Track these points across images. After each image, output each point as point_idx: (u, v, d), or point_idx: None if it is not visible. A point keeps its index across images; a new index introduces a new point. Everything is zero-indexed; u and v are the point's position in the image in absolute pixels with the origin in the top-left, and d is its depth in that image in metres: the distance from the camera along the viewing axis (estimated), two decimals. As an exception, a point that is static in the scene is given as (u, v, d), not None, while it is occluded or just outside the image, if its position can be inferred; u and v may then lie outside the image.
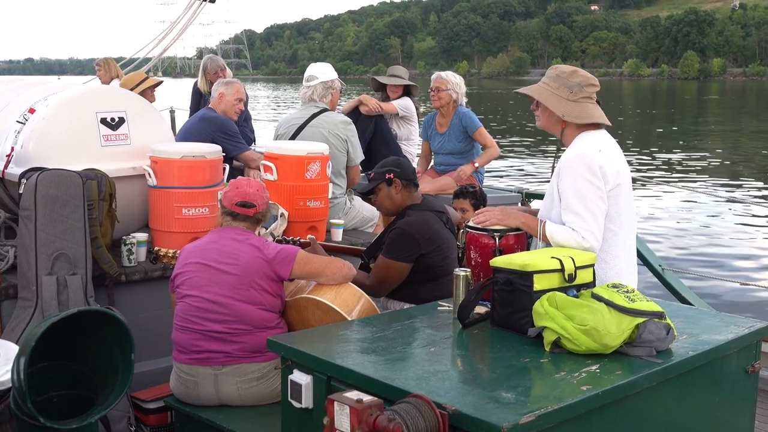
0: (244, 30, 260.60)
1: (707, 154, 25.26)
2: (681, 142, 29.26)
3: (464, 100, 6.62)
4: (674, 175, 20.32)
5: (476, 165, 6.56)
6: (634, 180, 3.65)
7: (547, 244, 3.36)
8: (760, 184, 19.09)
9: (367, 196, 4.56)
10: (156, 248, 4.45)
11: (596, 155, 3.31)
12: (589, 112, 3.43)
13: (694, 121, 42.37)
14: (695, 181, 19.16)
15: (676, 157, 24.38)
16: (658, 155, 24.63)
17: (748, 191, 17.95)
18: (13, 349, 3.27)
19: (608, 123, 3.48)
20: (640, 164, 22.09)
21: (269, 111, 43.86)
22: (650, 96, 76.60)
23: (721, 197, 16.53)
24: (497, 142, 6.82)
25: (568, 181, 3.31)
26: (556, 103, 3.43)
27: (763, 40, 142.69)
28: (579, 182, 3.29)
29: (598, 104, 3.49)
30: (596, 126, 3.46)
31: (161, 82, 8.03)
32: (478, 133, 6.54)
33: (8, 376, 3.03)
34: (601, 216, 3.30)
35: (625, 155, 3.54)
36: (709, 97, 71.55)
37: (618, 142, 3.59)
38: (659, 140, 30.18)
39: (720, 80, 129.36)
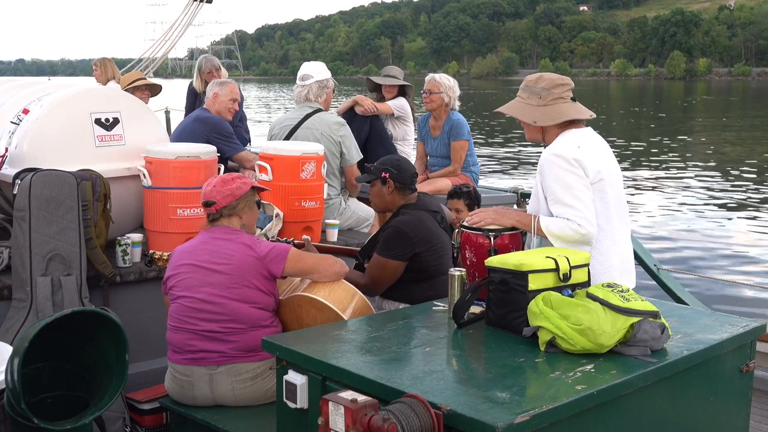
0: (235, 31, 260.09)
1: (701, 154, 25.35)
2: (674, 141, 29.33)
3: (457, 104, 6.57)
4: (669, 174, 20.36)
5: (427, 176, 6.57)
6: (627, 179, 3.66)
7: (542, 240, 3.37)
8: (755, 183, 19.14)
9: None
10: (150, 251, 4.44)
11: (572, 150, 3.32)
12: (561, 111, 3.43)
13: (686, 120, 42.48)
14: (690, 180, 19.20)
15: (670, 156, 24.44)
16: (651, 155, 24.69)
17: (743, 191, 18.00)
18: (8, 349, 3.26)
19: (587, 117, 3.48)
20: (634, 164, 22.13)
21: (259, 112, 43.72)
22: (639, 95, 76.75)
23: (716, 197, 16.59)
24: (493, 143, 6.80)
25: (551, 177, 3.33)
26: (527, 112, 3.46)
27: (748, 41, 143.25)
28: (561, 174, 3.31)
29: (574, 101, 3.48)
30: (579, 124, 3.47)
31: (160, 87, 7.99)
32: (458, 146, 6.47)
33: (2, 376, 3.03)
34: (591, 202, 3.31)
35: (616, 154, 3.54)
36: (699, 97, 71.70)
37: (609, 142, 3.59)
38: (652, 140, 30.22)
39: (706, 80, 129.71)
